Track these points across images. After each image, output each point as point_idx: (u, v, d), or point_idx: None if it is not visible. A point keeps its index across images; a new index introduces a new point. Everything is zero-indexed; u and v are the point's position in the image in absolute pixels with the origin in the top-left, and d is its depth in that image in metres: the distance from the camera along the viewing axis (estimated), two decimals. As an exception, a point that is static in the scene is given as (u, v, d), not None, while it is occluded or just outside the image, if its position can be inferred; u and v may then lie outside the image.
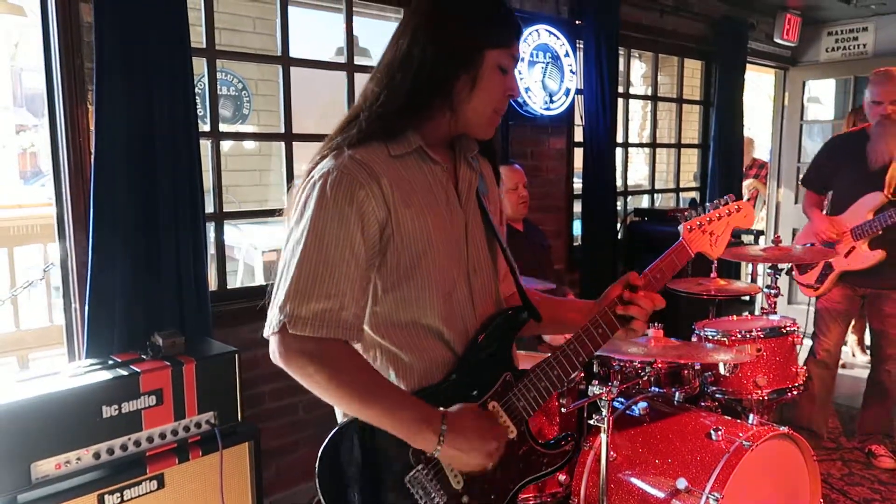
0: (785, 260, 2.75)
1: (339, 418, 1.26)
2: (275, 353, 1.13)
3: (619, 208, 4.49)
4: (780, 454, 2.18)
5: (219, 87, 5.11)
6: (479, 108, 1.22)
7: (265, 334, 1.14)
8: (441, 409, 1.18)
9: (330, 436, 1.18)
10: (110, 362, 2.07)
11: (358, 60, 3.19)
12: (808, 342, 4.60)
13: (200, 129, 2.52)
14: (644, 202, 5.10)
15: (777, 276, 2.83)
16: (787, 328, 2.54)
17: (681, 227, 1.41)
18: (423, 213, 1.20)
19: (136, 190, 2.30)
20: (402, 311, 1.21)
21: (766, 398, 2.48)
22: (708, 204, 1.46)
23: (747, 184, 6.16)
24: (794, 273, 3.24)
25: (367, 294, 1.19)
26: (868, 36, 5.26)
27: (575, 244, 4.21)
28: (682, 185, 5.29)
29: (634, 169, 6.51)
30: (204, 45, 2.67)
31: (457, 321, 1.24)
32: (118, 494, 1.94)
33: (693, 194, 5.30)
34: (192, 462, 2.08)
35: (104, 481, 1.92)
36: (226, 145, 5.36)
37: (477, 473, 1.21)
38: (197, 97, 3.44)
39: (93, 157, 2.23)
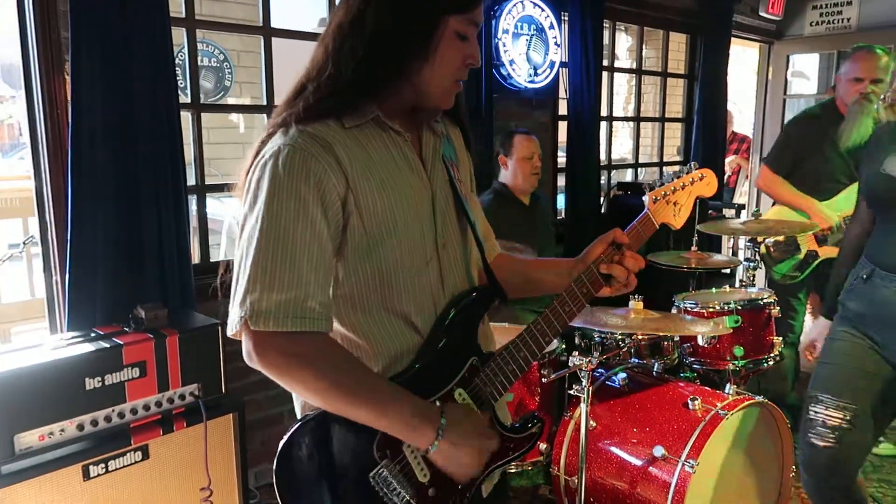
0: (764, 233, 2.79)
1: (298, 413, 1.19)
2: (249, 354, 1.04)
3: (602, 182, 4.51)
4: (755, 423, 2.23)
5: (200, 58, 5.06)
6: (437, 78, 1.13)
7: (229, 334, 1.06)
8: (437, 403, 1.13)
9: (287, 436, 1.09)
10: (93, 335, 2.07)
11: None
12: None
13: (181, 101, 2.49)
14: (628, 176, 5.12)
15: (756, 250, 2.87)
16: (764, 300, 2.58)
17: (645, 198, 1.37)
18: (385, 185, 1.11)
19: (116, 163, 2.28)
20: (365, 295, 1.13)
21: (742, 368, 2.54)
22: (671, 172, 1.42)
23: (729, 160, 6.20)
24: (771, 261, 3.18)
25: (332, 279, 1.10)
26: (852, 10, 5.26)
27: (559, 217, 4.23)
28: (665, 159, 5.31)
29: (619, 143, 6.53)
30: (183, 15, 2.63)
31: (426, 302, 1.17)
32: (103, 465, 1.95)
33: (676, 168, 5.32)
34: (177, 433, 2.09)
35: (88, 452, 1.93)
36: (208, 118, 5.30)
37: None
38: (177, 68, 3.41)
39: (70, 129, 2.20)
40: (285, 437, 1.09)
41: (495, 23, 3.45)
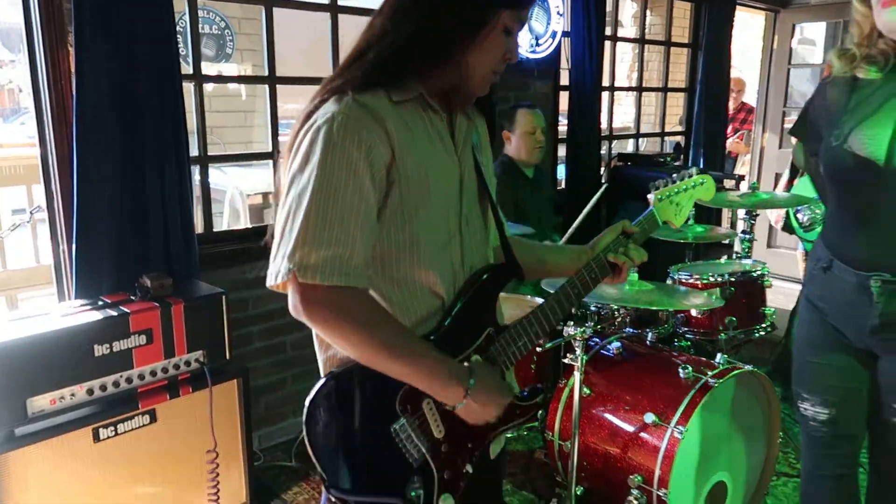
0: (760, 206, 2.81)
1: (322, 369, 1.26)
2: (296, 306, 1.10)
3: (603, 152, 4.52)
4: (744, 391, 2.29)
5: (201, 25, 5.04)
6: (479, 66, 1.19)
7: (269, 284, 1.12)
8: (466, 363, 1.21)
9: (316, 388, 1.16)
10: (100, 303, 2.13)
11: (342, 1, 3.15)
12: (783, 284, 4.74)
13: (183, 72, 2.51)
14: (629, 146, 5.12)
15: (752, 222, 2.91)
16: (757, 272, 2.62)
17: (651, 196, 1.47)
18: (423, 160, 1.18)
19: (120, 132, 2.31)
20: (395, 260, 1.19)
21: (734, 338, 2.59)
22: (675, 175, 1.52)
23: (731, 141, 6.16)
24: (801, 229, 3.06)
25: (373, 240, 1.16)
26: (859, -22, 5.20)
27: (559, 188, 4.26)
28: (667, 129, 5.30)
29: (623, 111, 6.51)
30: (185, -14, 2.63)
31: (448, 273, 1.24)
32: (112, 428, 2.03)
33: (678, 139, 5.32)
34: (183, 398, 2.16)
35: (98, 416, 2.00)
36: (210, 86, 5.29)
37: (461, 423, 1.23)
38: (179, 37, 3.41)
39: (74, 100, 2.22)
40: (314, 390, 1.16)
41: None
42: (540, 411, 2.43)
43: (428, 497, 1.20)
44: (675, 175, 1.52)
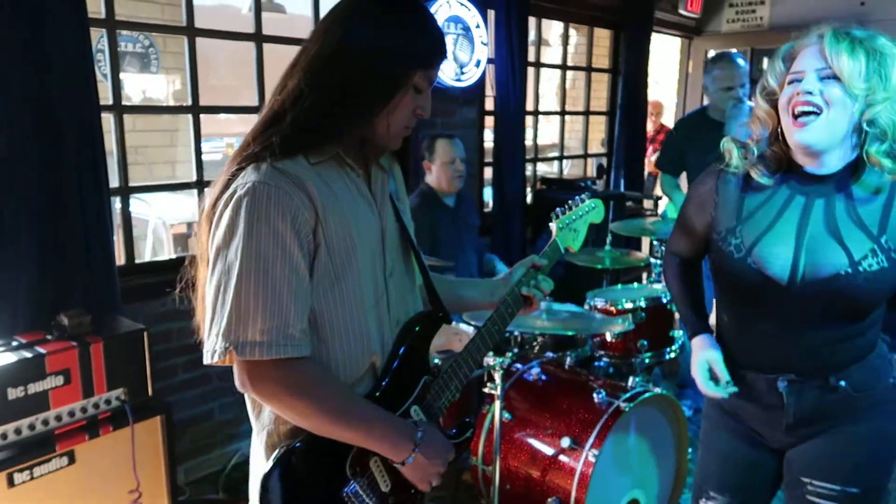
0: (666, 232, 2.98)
1: (260, 439, 1.25)
2: (243, 383, 1.12)
3: (528, 173, 4.67)
4: (655, 413, 2.43)
5: (124, 44, 4.93)
6: (393, 124, 1.20)
7: (205, 362, 1.11)
8: (413, 422, 1.25)
9: (268, 468, 1.18)
10: (14, 343, 2.08)
11: (270, 17, 3.16)
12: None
13: (103, 103, 2.48)
14: (554, 166, 5.30)
15: (662, 247, 3.08)
16: (667, 298, 2.78)
17: (552, 225, 1.54)
18: (347, 219, 1.17)
19: (37, 166, 2.26)
20: (327, 324, 1.18)
21: (647, 360, 2.74)
22: (570, 202, 1.59)
23: (648, 163, 6.44)
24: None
25: (308, 307, 1.15)
26: (765, 9, 5.55)
27: (486, 210, 4.37)
28: (590, 151, 5.50)
29: (550, 128, 6.69)
30: (103, 16, 2.60)
31: (378, 331, 1.25)
32: (28, 472, 1.98)
33: (601, 160, 5.53)
34: (103, 438, 2.13)
35: (13, 460, 1.95)
36: (135, 102, 5.18)
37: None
38: (99, 64, 3.35)
39: (-13, 134, 2.17)
40: (266, 469, 1.17)
41: (422, 22, 3.51)
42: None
43: None
44: (570, 202, 1.59)
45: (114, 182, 2.63)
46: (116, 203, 2.75)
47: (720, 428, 1.71)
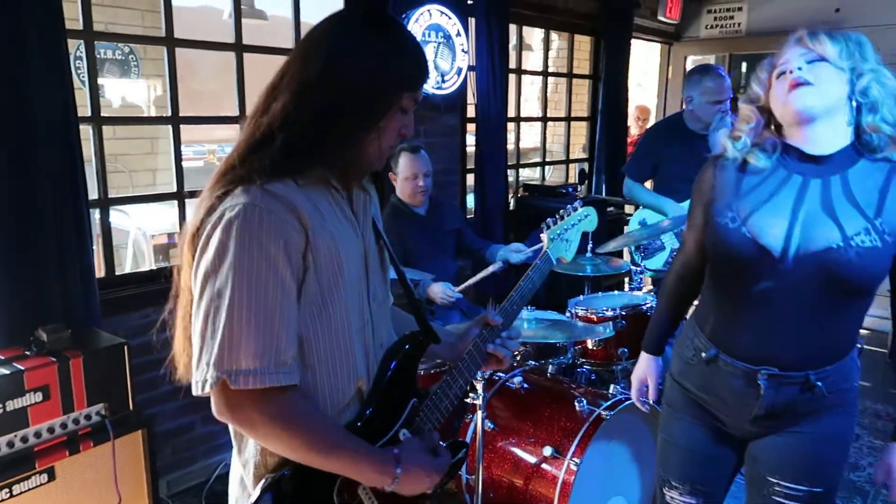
0: (647, 238, 3.01)
1: (244, 470, 1.23)
2: (220, 410, 1.08)
3: (511, 179, 4.69)
4: (636, 420, 2.46)
5: (104, 51, 4.89)
6: (378, 146, 1.19)
7: (195, 392, 1.07)
8: (395, 451, 1.20)
9: (258, 493, 1.16)
10: (-8, 360, 2.06)
11: (251, 23, 3.14)
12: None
13: (81, 111, 2.47)
14: (537, 172, 5.33)
15: (642, 254, 3.12)
16: (646, 305, 2.82)
17: (543, 236, 1.52)
18: (334, 242, 1.15)
19: (13, 177, 2.24)
20: (315, 349, 1.16)
21: (628, 367, 2.76)
22: (562, 210, 1.58)
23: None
24: (640, 257, 3.31)
25: (298, 332, 1.13)
26: (742, 15, 5.63)
27: (469, 217, 4.39)
28: (571, 157, 5.54)
29: (535, 131, 6.72)
30: (81, 27, 2.58)
31: (365, 355, 1.24)
32: (6, 490, 1.97)
33: (583, 165, 5.58)
34: (84, 454, 2.12)
35: (-9, 478, 1.94)
36: (111, 111, 5.14)
37: (394, 497, 1.23)
38: (78, 72, 3.32)
39: (-38, 148, 2.15)
40: (254, 498, 1.16)
41: (403, 31, 3.52)
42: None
43: None
44: (561, 211, 1.56)
45: (93, 193, 2.60)
46: (96, 214, 2.73)
47: (682, 416, 1.71)
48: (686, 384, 1.69)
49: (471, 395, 2.22)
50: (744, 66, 6.51)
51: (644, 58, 7.39)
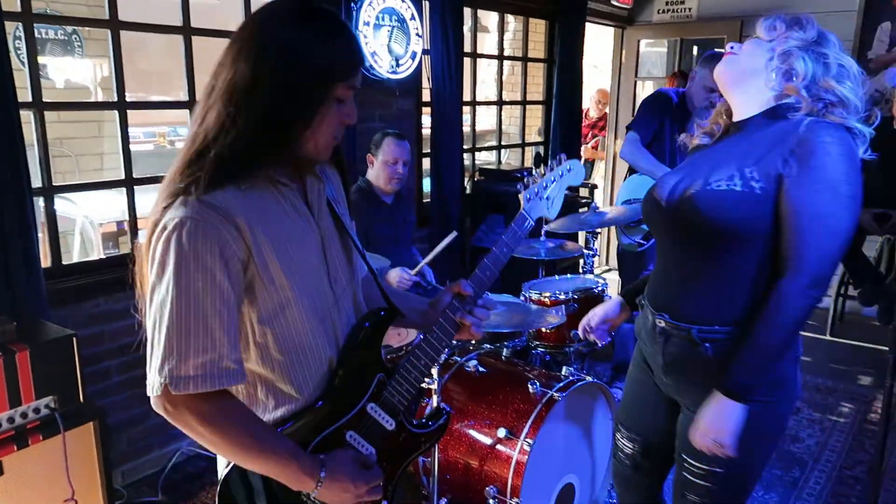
0: (604, 225, 3.08)
1: (222, 463, 1.31)
2: (160, 410, 1.15)
3: (467, 163, 4.71)
4: (588, 402, 2.53)
5: (45, 31, 4.71)
6: (319, 139, 1.20)
7: (149, 394, 1.14)
8: (321, 457, 1.25)
9: (223, 478, 1.26)
10: (-67, 355, 2.01)
11: (200, 3, 3.07)
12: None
13: (21, 95, 2.39)
14: (493, 156, 5.36)
15: (594, 239, 3.18)
16: (598, 289, 2.88)
17: (520, 197, 1.45)
18: (282, 241, 1.18)
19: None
20: (281, 341, 1.22)
21: (581, 349, 2.83)
22: (542, 168, 1.48)
23: (583, 149, 6.58)
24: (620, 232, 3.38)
25: (243, 335, 1.20)
26: (693, 0, 5.71)
27: (425, 200, 4.40)
28: (527, 140, 5.58)
29: (490, 115, 6.74)
30: (19, 9, 2.49)
31: (331, 336, 1.29)
32: (-47, 487, 1.93)
33: (538, 148, 5.63)
34: (33, 448, 2.08)
35: (-64, 476, 1.90)
36: (57, 93, 4.97)
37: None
38: (18, 52, 3.21)
39: None
40: (222, 480, 1.25)
41: (356, 14, 3.50)
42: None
43: None
44: (541, 167, 1.48)
45: (36, 181, 2.53)
46: (40, 202, 2.66)
47: (635, 364, 1.84)
48: (637, 331, 1.80)
49: (426, 378, 2.25)
50: (695, 49, 6.63)
51: (599, 41, 7.47)
